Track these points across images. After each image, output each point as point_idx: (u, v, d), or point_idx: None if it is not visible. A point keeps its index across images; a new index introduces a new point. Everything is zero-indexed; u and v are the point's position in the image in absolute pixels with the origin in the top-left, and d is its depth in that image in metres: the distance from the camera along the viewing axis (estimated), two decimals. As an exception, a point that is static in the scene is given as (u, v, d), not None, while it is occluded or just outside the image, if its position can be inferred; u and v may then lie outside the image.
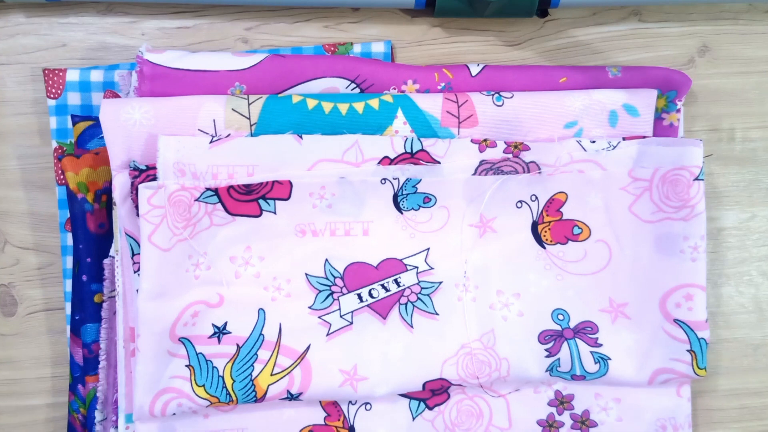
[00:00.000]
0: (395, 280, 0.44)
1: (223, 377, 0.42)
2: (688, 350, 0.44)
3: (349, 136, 0.43)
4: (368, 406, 0.45)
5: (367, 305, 0.44)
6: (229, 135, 0.42)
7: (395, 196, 0.44)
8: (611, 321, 0.45)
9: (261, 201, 0.43)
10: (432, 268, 0.45)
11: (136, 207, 0.41)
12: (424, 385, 0.44)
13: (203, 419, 0.44)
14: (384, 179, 0.43)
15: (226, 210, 0.42)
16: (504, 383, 0.46)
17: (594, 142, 0.44)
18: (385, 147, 0.43)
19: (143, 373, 0.41)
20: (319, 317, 0.44)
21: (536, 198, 0.45)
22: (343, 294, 0.44)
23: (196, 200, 0.41)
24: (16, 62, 0.47)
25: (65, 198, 0.46)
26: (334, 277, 0.44)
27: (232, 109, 0.42)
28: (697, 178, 0.43)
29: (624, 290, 0.45)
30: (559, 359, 0.45)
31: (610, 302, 0.45)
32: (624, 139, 0.44)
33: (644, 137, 0.45)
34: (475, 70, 0.46)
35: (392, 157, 0.43)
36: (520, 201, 0.45)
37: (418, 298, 0.44)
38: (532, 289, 0.45)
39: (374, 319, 0.44)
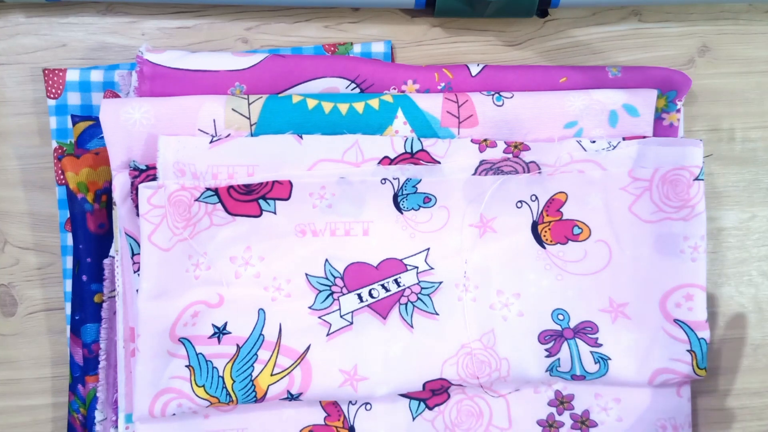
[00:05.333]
0: (395, 280, 0.44)
1: (223, 377, 0.42)
2: (688, 350, 0.44)
3: (349, 136, 0.43)
4: (368, 406, 0.45)
5: (367, 305, 0.44)
6: (229, 135, 0.42)
7: (395, 196, 0.44)
8: (611, 321, 0.45)
9: (261, 201, 0.43)
10: (432, 268, 0.45)
11: (136, 207, 0.41)
12: (424, 385, 0.44)
13: (203, 419, 0.44)
14: (384, 179, 0.43)
15: (226, 210, 0.42)
16: (504, 383, 0.46)
17: (594, 142, 0.44)
18: (385, 147, 0.43)
19: (143, 373, 0.41)
20: (319, 317, 0.44)
21: (536, 198, 0.45)
22: (343, 294, 0.44)
23: (196, 200, 0.41)
24: (16, 62, 0.47)
25: (65, 198, 0.46)
26: (334, 277, 0.44)
27: (232, 109, 0.42)
28: (697, 178, 0.43)
29: (624, 290, 0.45)
30: (559, 359, 0.45)
31: (610, 302, 0.45)
32: (624, 139, 0.44)
33: (644, 137, 0.45)
34: (475, 70, 0.46)
35: (392, 157, 0.43)
36: (520, 201, 0.45)
37: (418, 298, 0.44)
38: (532, 289, 0.45)
39: (374, 319, 0.44)
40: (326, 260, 0.44)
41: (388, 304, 0.44)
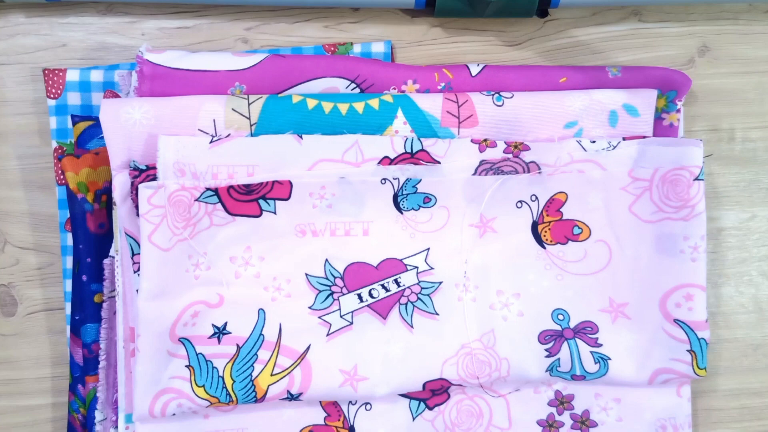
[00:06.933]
0: (395, 280, 0.44)
1: (223, 377, 0.42)
2: (688, 350, 0.44)
3: (349, 136, 0.43)
4: (368, 406, 0.45)
5: (367, 305, 0.44)
6: (229, 135, 0.42)
7: (395, 196, 0.44)
8: (611, 321, 0.45)
9: (261, 201, 0.43)
10: (432, 268, 0.45)
11: (136, 207, 0.41)
12: (424, 385, 0.44)
13: (203, 419, 0.44)
14: (384, 179, 0.43)
15: (226, 210, 0.42)
16: (504, 383, 0.46)
17: (594, 142, 0.44)
18: (385, 147, 0.43)
19: (143, 373, 0.41)
20: (320, 317, 0.44)
21: (536, 198, 0.45)
22: (343, 294, 0.44)
23: (196, 200, 0.41)
24: (16, 62, 0.47)
25: (65, 198, 0.46)
26: (334, 277, 0.44)
27: (232, 109, 0.42)
28: (697, 178, 0.43)
29: (624, 290, 0.45)
30: (559, 359, 0.45)
31: (610, 302, 0.45)
32: (624, 139, 0.44)
33: (644, 137, 0.45)
34: (475, 70, 0.46)
35: (392, 157, 0.43)
36: (520, 201, 0.45)
37: (418, 298, 0.44)
38: (532, 289, 0.45)
39: (374, 319, 0.44)
40: (326, 260, 0.44)
41: (388, 304, 0.44)
